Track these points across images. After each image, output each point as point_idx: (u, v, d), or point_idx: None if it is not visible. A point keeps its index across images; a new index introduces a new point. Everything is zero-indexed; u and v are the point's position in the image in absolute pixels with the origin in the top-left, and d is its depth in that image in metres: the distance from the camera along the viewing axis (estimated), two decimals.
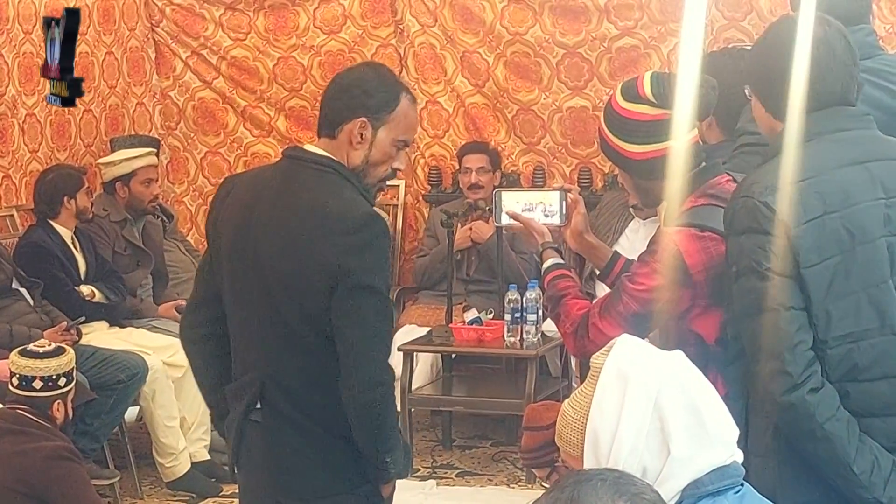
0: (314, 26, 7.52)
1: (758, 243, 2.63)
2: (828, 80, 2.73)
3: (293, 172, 3.17)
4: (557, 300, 3.15)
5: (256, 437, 3.20)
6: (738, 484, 2.13)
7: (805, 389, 2.59)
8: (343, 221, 3.05)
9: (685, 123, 3.00)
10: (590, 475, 1.82)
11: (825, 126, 2.73)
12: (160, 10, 7.64)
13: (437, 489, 5.98)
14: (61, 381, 4.63)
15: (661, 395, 2.09)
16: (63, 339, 5.47)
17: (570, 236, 3.29)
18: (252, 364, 3.19)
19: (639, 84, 3.02)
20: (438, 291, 6.90)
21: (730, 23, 6.73)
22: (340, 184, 3.13)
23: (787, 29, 2.77)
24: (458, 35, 7.31)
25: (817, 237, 2.62)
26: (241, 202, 3.21)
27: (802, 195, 2.63)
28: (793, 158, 2.69)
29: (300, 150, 3.22)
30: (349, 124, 3.12)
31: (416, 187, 7.58)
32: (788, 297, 2.60)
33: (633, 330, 2.93)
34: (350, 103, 3.13)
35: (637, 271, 3.00)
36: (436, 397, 6.43)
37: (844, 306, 2.62)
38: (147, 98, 7.68)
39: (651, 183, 3.06)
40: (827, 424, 2.59)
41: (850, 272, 2.62)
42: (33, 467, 4.31)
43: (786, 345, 2.60)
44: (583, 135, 7.21)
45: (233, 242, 3.18)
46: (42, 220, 6.19)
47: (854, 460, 2.60)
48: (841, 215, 2.63)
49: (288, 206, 3.12)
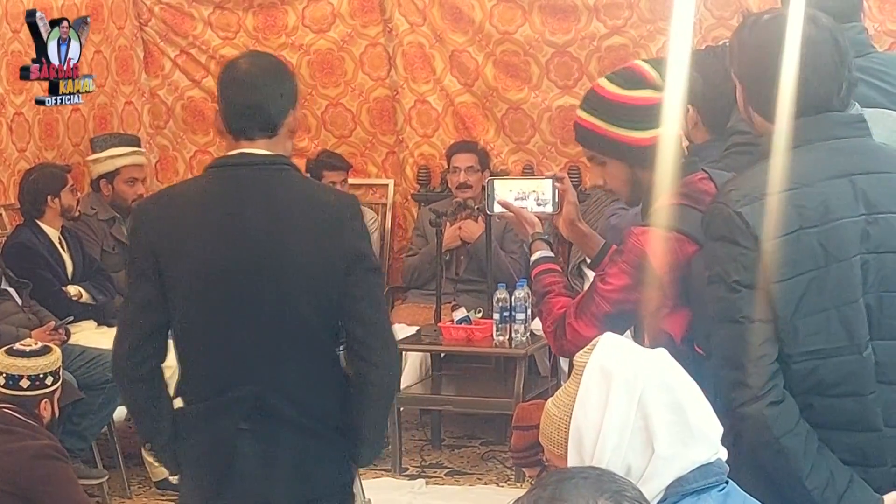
0: (303, 25, 7.52)
1: (729, 253, 2.59)
2: (815, 84, 2.66)
3: (263, 177, 3.15)
4: (542, 297, 3.15)
5: (249, 448, 3.18)
6: (722, 482, 2.13)
7: (764, 403, 2.55)
8: (343, 209, 3.14)
9: (680, 108, 2.99)
10: (572, 473, 1.82)
11: (815, 133, 2.67)
12: (149, 9, 7.63)
13: (427, 488, 5.97)
14: (48, 379, 4.63)
15: (644, 393, 2.08)
16: (51, 338, 5.46)
17: (562, 224, 3.29)
18: (243, 376, 3.16)
19: (640, 71, 3.01)
20: (427, 291, 6.90)
21: (718, 21, 6.74)
22: (301, 176, 3.23)
23: (777, 25, 2.70)
24: (447, 34, 7.31)
25: (791, 252, 2.56)
26: (205, 220, 3.15)
27: (779, 208, 2.57)
28: (775, 167, 2.64)
29: (250, 156, 3.17)
30: (288, 118, 3.19)
31: (405, 186, 7.57)
32: (755, 310, 2.56)
33: (607, 330, 2.92)
34: (287, 97, 3.18)
35: (607, 271, 2.99)
36: (425, 396, 6.43)
37: (814, 323, 2.57)
38: (136, 97, 7.67)
39: (648, 172, 3.02)
40: (783, 439, 2.55)
41: (822, 289, 2.57)
42: (19, 466, 4.30)
43: (749, 357, 2.56)
44: (572, 134, 7.11)
45: (215, 260, 3.13)
46: (29, 219, 6.19)
47: (807, 476, 2.56)
48: (818, 231, 2.57)
49: (288, 209, 3.13)
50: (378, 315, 3.18)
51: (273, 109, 3.16)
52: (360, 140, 7.62)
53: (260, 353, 3.14)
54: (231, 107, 3.18)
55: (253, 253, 3.12)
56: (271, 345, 3.14)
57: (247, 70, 3.19)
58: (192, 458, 3.26)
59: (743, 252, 2.57)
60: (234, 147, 3.20)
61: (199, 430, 3.22)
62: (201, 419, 3.22)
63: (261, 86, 3.16)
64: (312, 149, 7.52)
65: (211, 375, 3.20)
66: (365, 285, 3.14)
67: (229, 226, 3.14)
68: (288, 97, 3.20)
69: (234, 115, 3.18)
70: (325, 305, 3.13)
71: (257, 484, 3.19)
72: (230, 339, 3.16)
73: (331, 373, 3.23)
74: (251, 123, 3.16)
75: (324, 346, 3.19)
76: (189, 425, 3.24)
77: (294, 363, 3.15)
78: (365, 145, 7.63)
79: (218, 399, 3.18)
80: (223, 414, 3.18)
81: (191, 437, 3.24)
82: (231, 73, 3.22)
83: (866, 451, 2.62)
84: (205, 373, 3.21)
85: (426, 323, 6.50)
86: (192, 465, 3.27)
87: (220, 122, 3.23)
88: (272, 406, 3.15)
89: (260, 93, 3.16)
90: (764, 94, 2.71)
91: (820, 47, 2.68)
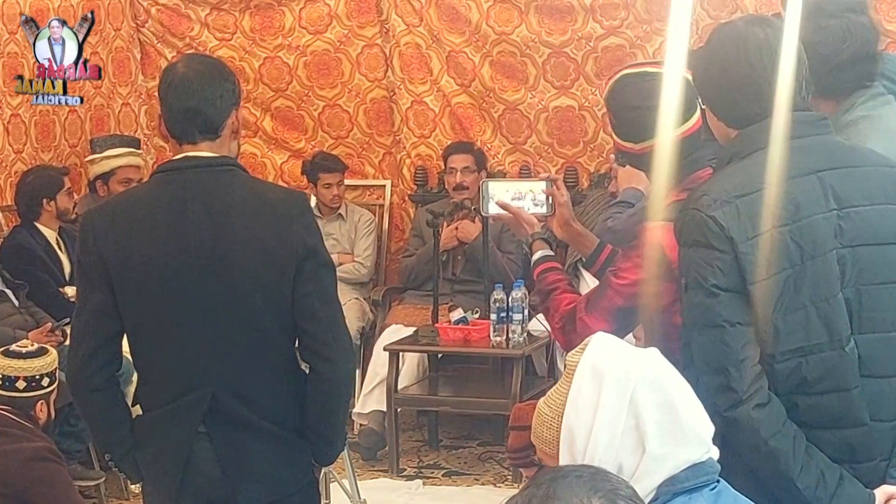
0: (300, 26, 7.51)
1: (704, 258, 2.58)
2: (773, 86, 2.66)
3: (208, 178, 3.16)
4: (547, 294, 3.17)
5: (207, 451, 3.18)
6: (713, 480, 2.13)
7: (750, 405, 2.55)
8: (291, 206, 3.15)
9: (670, 119, 3.00)
10: (566, 472, 1.81)
11: (776, 134, 2.67)
12: (145, 11, 7.63)
13: (424, 489, 5.97)
14: (44, 381, 4.63)
15: (636, 392, 2.08)
16: (48, 340, 5.45)
17: (556, 225, 3.32)
18: (199, 379, 3.16)
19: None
20: (424, 291, 6.89)
21: (715, 22, 6.71)
22: (248, 176, 3.26)
23: (729, 34, 2.72)
24: (443, 35, 7.31)
25: (766, 252, 2.56)
26: (152, 225, 3.15)
27: (751, 209, 2.58)
28: (743, 168, 2.65)
29: (194, 159, 3.18)
30: (229, 119, 3.19)
31: (402, 187, 7.57)
32: (734, 313, 2.56)
33: (618, 324, 2.95)
34: (226, 99, 3.17)
35: (621, 265, 3.02)
36: (422, 397, 6.43)
37: (793, 321, 2.57)
38: (132, 98, 7.67)
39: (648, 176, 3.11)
40: (772, 440, 2.55)
41: (799, 287, 2.57)
42: (14, 468, 4.29)
43: (731, 360, 2.55)
44: (569, 134, 7.22)
45: (164, 265, 3.12)
46: (26, 221, 6.19)
47: (798, 476, 2.56)
48: (790, 229, 2.58)
49: (233, 208, 3.13)
50: (329, 310, 3.17)
51: (211, 112, 3.16)
52: (356, 141, 7.62)
53: (215, 354, 3.14)
54: (171, 112, 3.19)
55: (201, 255, 3.11)
56: (225, 346, 3.14)
57: (183, 74, 3.18)
58: (152, 464, 3.26)
59: (719, 256, 2.57)
60: (178, 151, 3.21)
61: (157, 435, 3.22)
62: (159, 424, 3.21)
63: (197, 89, 3.15)
64: (309, 150, 7.52)
65: (167, 380, 3.20)
66: (316, 280, 3.14)
67: (176, 229, 3.14)
68: (227, 98, 3.18)
69: (174, 119, 3.18)
70: (279, 303, 3.13)
71: (217, 487, 3.19)
72: (184, 342, 3.15)
73: (288, 372, 3.23)
74: (191, 127, 3.16)
75: (279, 346, 3.19)
76: (147, 432, 3.24)
77: (249, 363, 3.16)
78: (362, 146, 7.63)
79: (175, 403, 3.18)
80: (180, 418, 3.18)
81: (149, 444, 3.24)
82: (169, 77, 3.21)
83: (854, 447, 2.62)
84: (161, 377, 3.21)
85: (423, 324, 6.50)
86: (152, 471, 3.27)
87: (164, 128, 3.25)
88: (229, 408, 3.15)
89: (197, 96, 3.15)
90: (725, 99, 2.72)
91: (776, 47, 2.68)
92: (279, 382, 3.20)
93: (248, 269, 3.11)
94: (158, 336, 3.18)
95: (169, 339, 3.17)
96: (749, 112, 2.68)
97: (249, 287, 3.11)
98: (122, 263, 3.14)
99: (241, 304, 3.11)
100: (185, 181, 3.16)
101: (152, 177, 3.28)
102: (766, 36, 2.68)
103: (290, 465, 3.25)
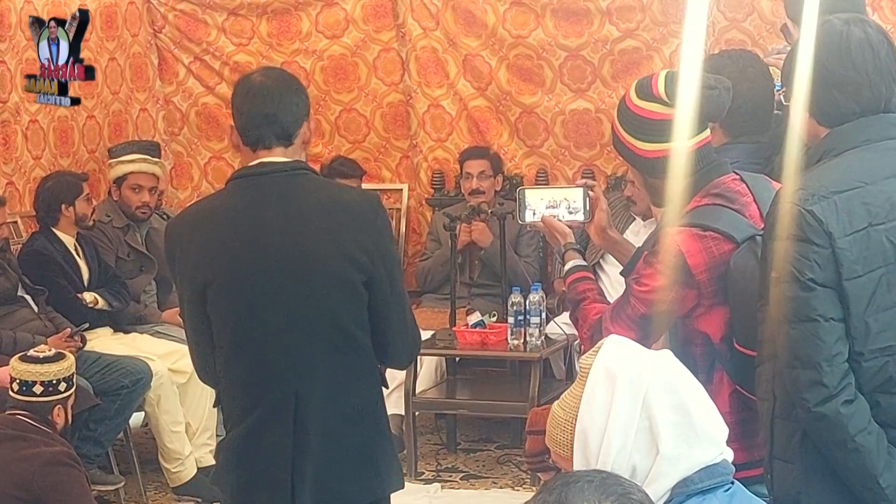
0: (316, 31, 7.53)
1: (801, 252, 2.59)
2: (872, 86, 2.70)
3: (284, 183, 3.23)
4: (576, 304, 3.18)
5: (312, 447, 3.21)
6: (727, 482, 2.13)
7: (839, 401, 2.57)
8: (366, 207, 3.25)
9: (690, 124, 3.01)
10: (577, 476, 1.82)
11: (871, 134, 2.70)
12: (163, 16, 7.65)
13: (442, 492, 5.98)
14: (61, 385, 4.64)
15: (649, 394, 2.09)
16: (67, 345, 5.47)
17: (594, 232, 3.32)
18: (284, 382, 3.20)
19: (653, 82, 3.04)
20: (441, 295, 6.90)
21: (731, 24, 6.73)
22: (322, 179, 3.35)
23: (829, 33, 2.74)
24: (460, 38, 7.31)
25: (862, 249, 2.59)
26: (231, 230, 3.22)
27: (848, 205, 2.60)
28: (838, 166, 2.67)
29: (269, 164, 3.24)
30: (302, 128, 3.27)
31: (419, 191, 7.58)
32: (829, 308, 2.58)
33: (643, 332, 2.95)
34: (301, 108, 3.27)
35: (642, 273, 3.02)
36: (440, 400, 6.44)
37: (884, 319, 2.60)
38: (150, 104, 7.69)
39: (660, 181, 3.08)
40: (858, 437, 2.58)
41: (892, 285, 2.60)
42: (32, 473, 4.30)
43: (823, 355, 2.57)
44: (585, 137, 7.21)
45: (246, 269, 3.19)
46: (44, 227, 6.21)
47: (881, 473, 2.59)
48: (886, 228, 2.61)
49: (310, 210, 3.21)
50: (398, 307, 3.28)
51: (288, 119, 3.24)
52: (373, 145, 7.63)
53: (299, 355, 3.19)
54: (247, 118, 3.25)
55: (280, 257, 3.18)
56: (309, 346, 3.19)
57: (261, 82, 3.28)
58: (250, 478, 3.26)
59: (816, 250, 2.58)
60: (252, 158, 3.26)
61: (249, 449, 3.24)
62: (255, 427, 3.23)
63: (276, 96, 3.24)
64: (326, 154, 7.52)
65: (253, 383, 3.23)
66: (390, 281, 3.23)
67: (255, 233, 3.20)
68: (301, 108, 3.28)
69: (250, 125, 3.24)
70: (357, 303, 3.20)
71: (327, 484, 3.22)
72: (267, 344, 3.20)
73: (369, 371, 3.30)
74: (268, 132, 3.23)
75: (359, 344, 3.24)
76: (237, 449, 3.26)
77: (333, 362, 3.21)
78: (379, 150, 7.64)
79: (260, 410, 3.21)
80: (274, 420, 3.20)
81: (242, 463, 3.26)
82: (246, 86, 3.31)
83: None
84: (250, 382, 3.24)
85: (441, 327, 6.50)
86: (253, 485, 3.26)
87: (237, 137, 3.30)
88: (307, 411, 3.18)
89: (275, 103, 3.23)
90: (824, 97, 2.73)
91: (878, 48, 2.71)
92: (360, 381, 3.26)
93: (328, 269, 3.18)
94: (243, 339, 3.22)
95: (252, 342, 3.21)
96: (847, 111, 2.70)
97: (330, 287, 3.18)
98: (208, 273, 3.21)
99: (323, 303, 3.18)
100: (262, 186, 3.23)
101: (228, 183, 3.33)
102: (866, 35, 2.71)
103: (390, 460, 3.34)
